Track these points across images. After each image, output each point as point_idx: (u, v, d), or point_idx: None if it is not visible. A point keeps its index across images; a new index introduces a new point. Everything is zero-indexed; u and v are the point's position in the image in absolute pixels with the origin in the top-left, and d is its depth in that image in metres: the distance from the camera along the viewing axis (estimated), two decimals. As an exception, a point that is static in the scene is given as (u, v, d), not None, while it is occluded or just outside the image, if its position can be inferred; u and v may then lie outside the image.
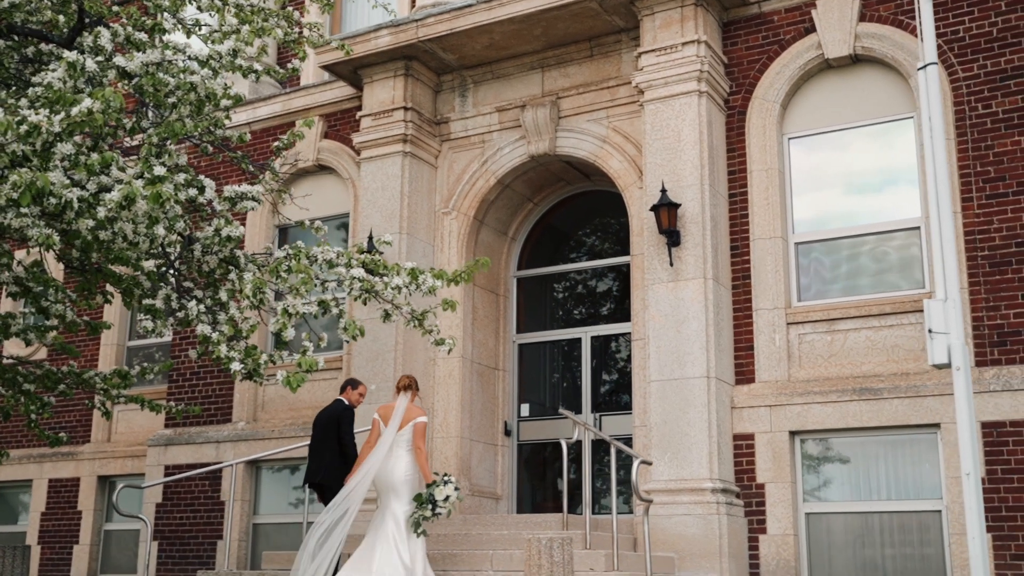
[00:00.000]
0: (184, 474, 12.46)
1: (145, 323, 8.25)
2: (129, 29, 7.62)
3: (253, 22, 8.22)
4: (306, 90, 13.99)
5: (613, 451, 9.77)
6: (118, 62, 7.31)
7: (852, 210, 10.69)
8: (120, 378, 10.15)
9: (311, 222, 9.60)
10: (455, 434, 11.77)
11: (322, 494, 9.51)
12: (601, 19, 11.49)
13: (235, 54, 7.86)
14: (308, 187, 13.34)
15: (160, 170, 6.75)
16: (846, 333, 10.23)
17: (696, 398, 10.03)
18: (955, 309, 6.34)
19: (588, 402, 12.21)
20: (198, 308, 8.03)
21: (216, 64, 7.76)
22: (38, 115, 6.38)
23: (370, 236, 11.74)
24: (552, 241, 13.19)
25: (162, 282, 8.45)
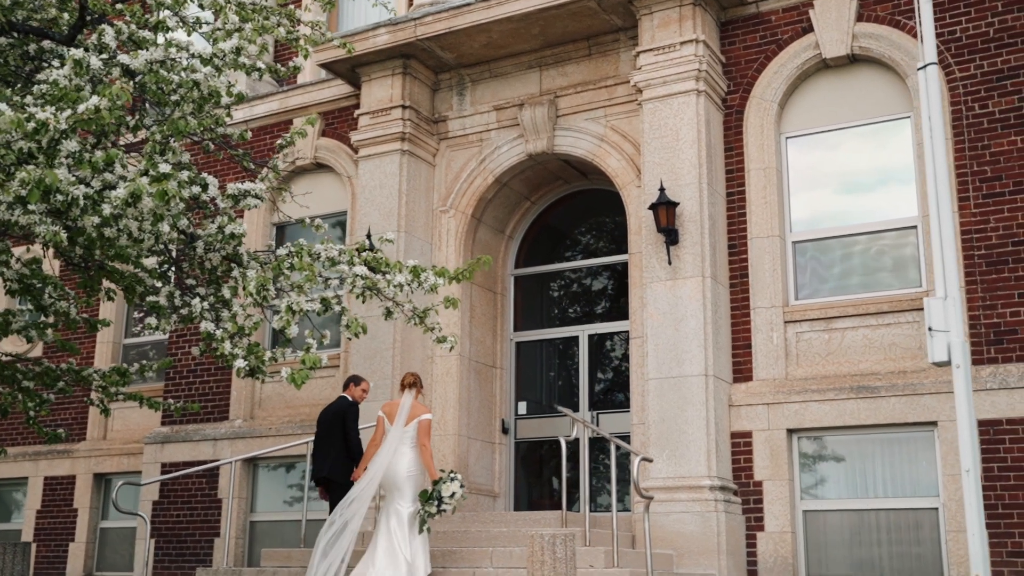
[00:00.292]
0: (182, 471, 12.46)
1: (149, 320, 8.26)
2: (133, 27, 7.63)
3: (255, 20, 8.23)
4: (303, 88, 13.99)
5: (612, 448, 9.80)
6: (122, 60, 7.32)
7: (849, 209, 10.75)
8: (119, 375, 10.15)
9: (310, 220, 9.62)
10: (453, 432, 11.80)
11: (328, 489, 9.57)
12: (599, 18, 11.53)
13: (238, 52, 7.87)
14: (306, 185, 13.35)
15: (165, 167, 6.77)
16: (843, 331, 10.29)
17: (694, 396, 10.07)
18: (955, 307, 6.38)
19: (585, 400, 12.25)
20: (201, 305, 8.06)
21: (219, 62, 7.77)
22: (45, 112, 6.39)
23: (368, 234, 11.76)
24: (549, 240, 13.22)
25: (163, 279, 8.46)
